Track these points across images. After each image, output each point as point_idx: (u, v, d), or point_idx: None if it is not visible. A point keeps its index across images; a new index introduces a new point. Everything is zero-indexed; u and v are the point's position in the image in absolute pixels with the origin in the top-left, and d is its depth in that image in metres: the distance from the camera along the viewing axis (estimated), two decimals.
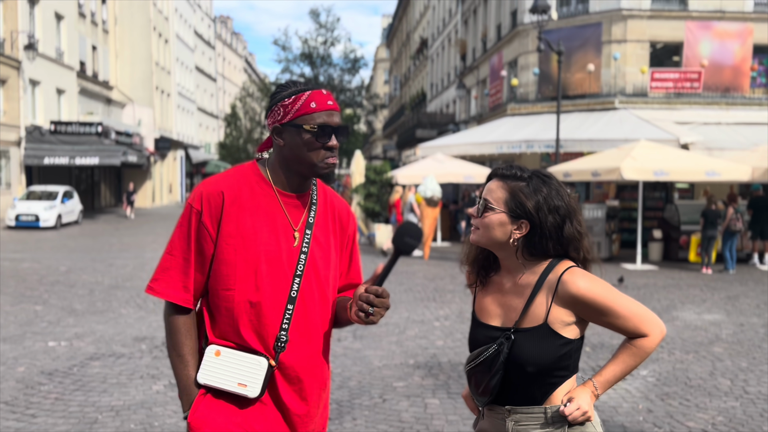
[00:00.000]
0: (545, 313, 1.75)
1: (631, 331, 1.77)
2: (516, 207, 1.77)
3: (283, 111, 1.88)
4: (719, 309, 8.87)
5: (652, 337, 1.77)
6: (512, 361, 1.76)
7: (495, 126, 20.70)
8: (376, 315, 1.76)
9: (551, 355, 1.74)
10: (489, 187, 1.84)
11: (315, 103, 1.85)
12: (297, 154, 1.87)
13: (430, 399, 4.97)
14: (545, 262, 1.80)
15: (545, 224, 1.76)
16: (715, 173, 12.84)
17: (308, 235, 1.91)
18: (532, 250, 1.79)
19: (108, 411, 4.60)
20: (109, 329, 7.14)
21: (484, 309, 1.89)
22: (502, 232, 1.79)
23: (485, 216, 1.80)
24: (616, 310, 1.74)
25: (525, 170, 1.83)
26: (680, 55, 20.14)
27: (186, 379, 1.87)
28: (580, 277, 1.75)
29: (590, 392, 1.76)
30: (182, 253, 1.87)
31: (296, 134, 1.85)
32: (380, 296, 1.76)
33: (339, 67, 35.13)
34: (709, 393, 5.23)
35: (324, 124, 1.85)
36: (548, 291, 1.77)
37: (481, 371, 1.80)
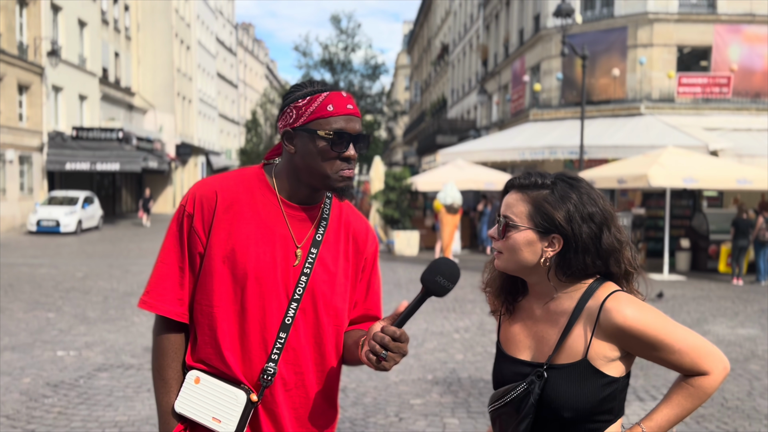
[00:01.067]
0: (585, 347, 1.46)
1: (687, 368, 1.48)
2: (543, 220, 1.48)
3: (295, 113, 1.61)
4: (753, 323, 8.47)
5: (714, 376, 1.47)
6: (545, 403, 1.47)
7: (517, 132, 20.37)
8: (390, 361, 1.47)
9: (592, 397, 1.45)
10: (507, 202, 1.54)
11: (332, 106, 1.59)
12: (308, 163, 1.61)
13: (449, 418, 4.70)
14: (583, 285, 1.51)
15: (580, 236, 1.46)
16: (747, 181, 12.40)
17: (313, 254, 1.65)
18: (567, 270, 1.49)
19: (111, 427, 4.41)
20: (120, 338, 6.97)
21: (511, 340, 1.60)
22: (531, 253, 1.49)
23: (508, 236, 1.51)
24: (670, 344, 1.45)
25: (546, 176, 1.54)
26: (709, 59, 19.65)
27: (165, 407, 1.65)
28: (626, 305, 1.45)
29: None
30: (176, 261, 1.64)
31: (309, 140, 1.59)
32: (397, 340, 1.47)
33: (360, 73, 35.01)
34: (748, 415, 4.89)
35: (341, 131, 1.58)
36: (588, 321, 1.47)
37: (507, 413, 1.52)
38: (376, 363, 1.48)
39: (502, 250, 1.53)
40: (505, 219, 1.52)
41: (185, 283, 1.65)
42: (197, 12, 44.26)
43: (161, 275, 1.65)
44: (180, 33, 39.85)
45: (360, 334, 1.71)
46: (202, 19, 46.28)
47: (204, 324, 1.63)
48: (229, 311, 1.61)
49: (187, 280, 1.65)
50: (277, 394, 1.62)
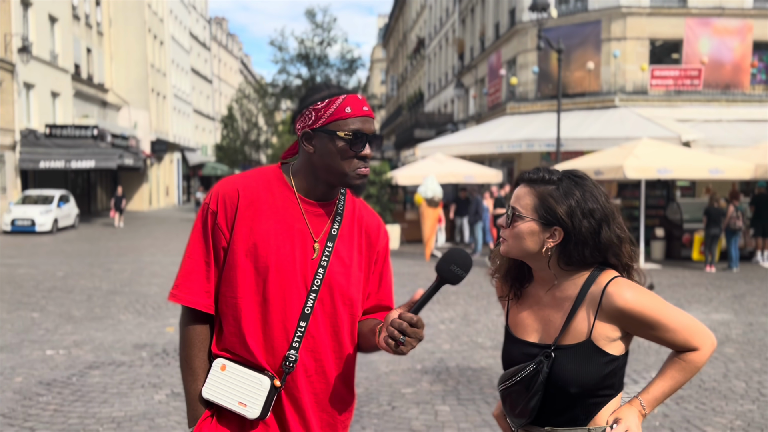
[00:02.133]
0: (588, 328, 1.61)
1: (680, 345, 1.63)
2: (546, 213, 1.62)
3: (315, 115, 1.72)
4: (726, 308, 8.76)
5: (703, 351, 1.63)
6: (553, 381, 1.61)
7: (494, 125, 20.59)
8: (407, 345, 1.59)
9: (596, 373, 1.60)
10: (516, 194, 1.69)
11: (350, 108, 1.70)
12: (328, 163, 1.72)
13: (440, 406, 4.84)
14: (585, 273, 1.66)
15: (580, 230, 1.60)
16: (719, 171, 12.75)
17: (329, 248, 1.76)
18: (567, 259, 1.64)
19: (109, 423, 4.46)
20: (109, 336, 6.99)
21: (519, 323, 1.74)
22: (533, 242, 1.64)
23: (514, 225, 1.66)
24: (665, 324, 1.60)
25: (555, 172, 1.68)
26: (680, 52, 20.07)
27: (193, 394, 1.75)
28: (626, 289, 1.60)
29: (638, 411, 1.62)
30: (202, 256, 1.75)
31: (328, 141, 1.70)
32: (414, 325, 1.58)
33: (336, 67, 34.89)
34: (724, 396, 5.11)
35: (359, 131, 1.70)
36: (591, 305, 1.62)
37: (517, 391, 1.66)
38: (394, 348, 1.59)
39: (507, 237, 1.68)
40: (512, 209, 1.66)
41: (211, 276, 1.75)
42: (170, 7, 43.73)
43: (189, 270, 1.75)
44: (153, 28, 39.35)
45: (374, 323, 1.81)
46: (176, 13, 45.73)
47: (229, 314, 1.73)
48: (252, 302, 1.71)
49: (213, 274, 1.75)
50: (299, 380, 1.72)
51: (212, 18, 61.72)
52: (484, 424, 4.47)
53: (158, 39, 40.86)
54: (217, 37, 62.30)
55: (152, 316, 8.05)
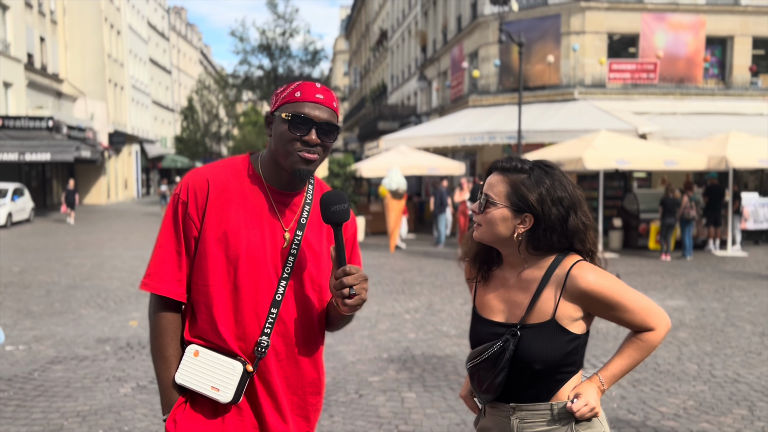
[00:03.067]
0: (553, 308, 1.70)
1: (637, 325, 1.74)
2: (518, 200, 1.71)
3: (274, 100, 1.80)
4: (681, 295, 9.09)
5: (658, 331, 1.74)
6: (518, 358, 1.70)
7: (457, 118, 20.77)
8: (360, 291, 1.69)
9: (559, 351, 1.69)
10: (489, 182, 1.78)
11: (300, 92, 1.75)
12: (277, 145, 1.77)
13: (406, 393, 4.93)
14: (551, 257, 1.75)
15: (549, 217, 1.69)
16: (673, 162, 13.15)
17: (298, 236, 1.81)
18: (536, 244, 1.73)
19: (74, 417, 4.42)
20: (70, 331, 6.87)
21: (486, 304, 1.83)
22: (505, 228, 1.73)
23: (487, 212, 1.74)
24: (624, 304, 1.71)
25: (526, 162, 1.77)
26: (637, 46, 20.55)
27: (167, 381, 1.79)
28: (589, 272, 1.70)
29: (597, 387, 1.72)
30: (173, 246, 1.78)
31: (279, 124, 1.76)
32: (349, 273, 1.68)
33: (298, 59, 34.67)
34: (678, 378, 5.32)
35: (301, 114, 1.72)
36: (556, 286, 1.71)
37: (485, 368, 1.74)
38: (351, 302, 1.68)
39: (481, 222, 1.76)
40: (486, 197, 1.75)
41: (182, 265, 1.78)
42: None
43: (161, 259, 1.78)
44: (109, 17, 38.36)
45: None
46: (133, 2, 44.66)
47: (201, 302, 1.77)
48: (224, 289, 1.75)
49: (184, 263, 1.78)
50: (271, 364, 1.77)
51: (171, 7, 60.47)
52: (450, 410, 4.58)
53: (115, 28, 39.87)
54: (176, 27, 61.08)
55: (114, 311, 7.95)
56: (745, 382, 5.20)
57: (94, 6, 36.33)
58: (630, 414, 4.52)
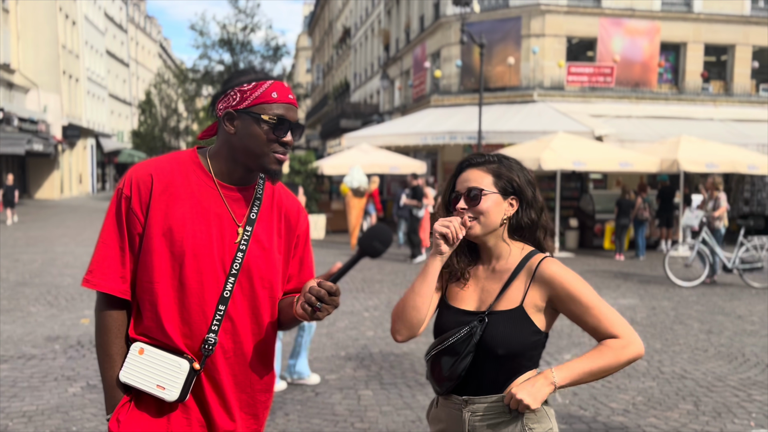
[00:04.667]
0: (522, 295, 1.76)
1: (602, 331, 1.74)
2: (506, 185, 1.80)
3: (240, 96, 1.74)
4: (633, 294, 9.33)
5: (623, 341, 1.71)
6: (483, 342, 1.74)
7: (419, 117, 20.87)
8: (323, 312, 1.66)
9: (523, 339, 1.74)
10: (468, 177, 1.81)
11: (276, 93, 1.73)
12: (247, 145, 1.74)
13: (363, 390, 4.93)
14: (524, 251, 1.82)
15: (527, 196, 1.81)
16: (628, 164, 13.48)
17: (248, 232, 1.78)
18: (517, 226, 1.83)
19: (19, 417, 4.28)
20: (18, 329, 6.66)
21: (456, 295, 1.86)
22: (497, 215, 1.80)
23: (482, 203, 1.78)
24: (587, 302, 1.73)
25: (490, 154, 1.87)
26: (594, 50, 20.98)
27: (111, 380, 1.75)
28: (557, 264, 1.78)
29: (545, 380, 1.70)
30: (116, 241, 1.74)
31: (252, 123, 1.72)
32: (333, 294, 1.65)
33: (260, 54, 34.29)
34: (628, 374, 5.46)
35: (283, 117, 1.73)
36: (527, 274, 1.78)
37: (448, 354, 1.76)
38: (311, 314, 1.65)
39: (477, 216, 1.79)
40: (476, 189, 1.79)
41: (126, 261, 1.74)
42: None
43: (103, 255, 1.74)
44: (64, 7, 37.27)
45: (293, 298, 1.86)
46: None
47: (145, 299, 1.73)
48: (168, 286, 1.72)
49: (128, 259, 1.74)
50: (218, 362, 1.75)
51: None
52: (405, 407, 4.60)
53: (70, 18, 38.76)
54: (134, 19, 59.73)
55: (65, 308, 7.73)
56: (691, 378, 5.37)
57: None
58: (581, 410, 4.62)
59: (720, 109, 20.35)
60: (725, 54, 21.92)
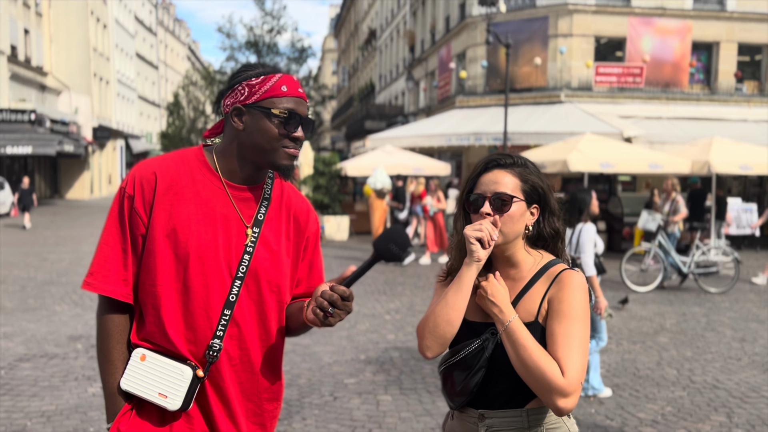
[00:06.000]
0: (538, 307, 1.63)
1: (555, 353, 1.56)
2: (531, 192, 1.67)
3: (248, 90, 1.66)
4: (662, 299, 9.08)
5: (566, 381, 1.51)
6: (497, 358, 1.62)
7: (444, 118, 20.73)
8: (336, 317, 1.57)
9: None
10: (495, 179, 1.66)
11: (286, 87, 1.66)
12: (257, 141, 1.66)
13: (382, 396, 4.84)
14: (544, 259, 1.70)
15: (550, 204, 1.69)
16: (658, 166, 13.18)
17: (255, 233, 1.70)
18: (538, 236, 1.71)
19: (38, 417, 4.29)
20: (42, 328, 6.72)
21: (470, 304, 1.72)
22: (522, 224, 1.67)
23: (509, 209, 1.65)
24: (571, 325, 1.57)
25: (515, 156, 1.74)
26: (623, 50, 20.62)
27: (111, 387, 1.67)
28: (578, 278, 1.64)
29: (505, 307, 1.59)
30: (119, 242, 1.66)
31: (261, 118, 1.64)
32: (346, 299, 1.57)
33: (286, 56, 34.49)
34: (657, 383, 5.28)
35: (294, 111, 1.65)
36: (544, 284, 1.65)
37: (460, 369, 1.66)
38: (322, 319, 1.56)
39: (502, 224, 1.64)
40: (505, 194, 1.64)
41: (128, 263, 1.67)
42: None
43: (104, 257, 1.66)
44: (96, 10, 37.94)
45: (302, 303, 1.77)
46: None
47: (148, 303, 1.66)
48: (172, 290, 1.64)
49: (131, 261, 1.67)
50: (223, 369, 1.67)
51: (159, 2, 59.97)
52: (425, 413, 4.50)
53: (101, 22, 39.44)
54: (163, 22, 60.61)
55: (90, 307, 7.79)
56: (724, 388, 5.17)
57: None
58: (607, 419, 4.47)
59: (754, 109, 19.82)
60: (759, 53, 21.37)
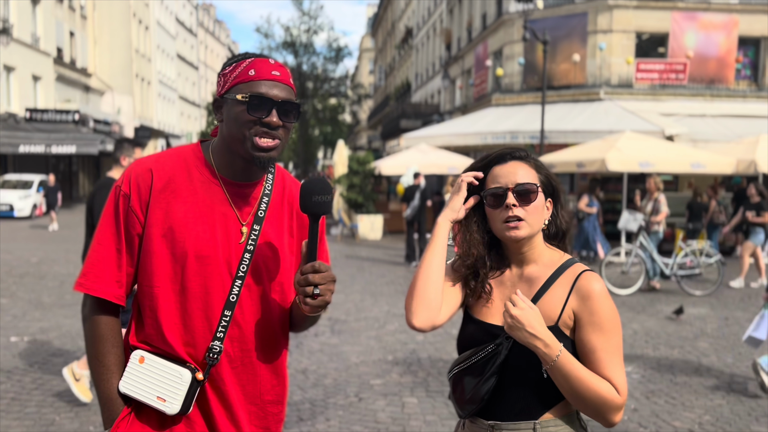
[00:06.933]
0: (560, 310, 1.53)
1: (602, 372, 1.49)
2: (548, 185, 1.62)
3: (222, 81, 1.61)
4: (704, 302, 8.77)
5: (619, 397, 1.48)
6: (511, 364, 1.52)
7: (480, 116, 20.51)
8: (324, 292, 1.52)
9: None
10: (514, 170, 1.59)
11: (254, 70, 1.57)
12: (231, 131, 1.59)
13: (407, 398, 4.77)
14: (560, 258, 1.61)
15: (560, 198, 1.64)
16: (700, 165, 12.76)
17: (256, 231, 1.63)
18: (552, 230, 1.64)
19: (67, 412, 4.34)
20: (77, 324, 6.84)
21: (479, 305, 1.64)
22: (544, 215, 1.61)
23: (533, 201, 1.58)
24: (609, 336, 1.50)
25: (522, 149, 1.67)
26: (666, 46, 20.05)
27: (108, 393, 1.61)
28: (599, 281, 1.55)
29: (548, 340, 1.45)
30: (113, 242, 1.61)
31: (231, 106, 1.57)
32: (318, 270, 1.52)
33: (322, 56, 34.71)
34: (695, 391, 5.08)
35: (260, 95, 1.55)
36: (566, 285, 1.54)
37: (472, 374, 1.56)
38: (314, 302, 1.52)
39: (525, 217, 1.56)
40: (532, 185, 1.58)
41: (123, 264, 1.62)
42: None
43: (98, 257, 1.62)
44: (138, 12, 38.81)
45: None
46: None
47: (146, 305, 1.61)
48: (169, 290, 1.59)
49: (125, 262, 1.62)
50: (224, 371, 1.62)
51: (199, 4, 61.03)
52: (451, 417, 4.41)
53: (143, 24, 40.32)
54: (204, 23, 61.64)
55: None
56: (766, 398, 4.93)
57: (123, 1, 36.76)
58: (641, 427, 4.30)
59: None
60: None
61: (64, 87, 30.66)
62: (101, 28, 36.31)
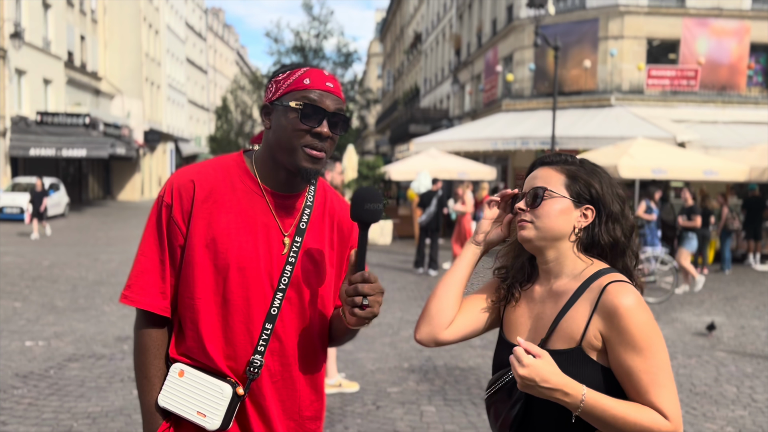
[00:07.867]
0: (583, 330, 1.43)
1: (645, 397, 1.37)
2: (581, 190, 1.51)
3: (274, 87, 1.59)
4: (719, 311, 8.69)
5: (670, 423, 1.36)
6: None
7: (489, 122, 20.47)
8: (373, 304, 1.48)
9: (590, 383, 1.40)
10: (538, 175, 1.55)
11: (309, 79, 1.55)
12: (279, 138, 1.56)
13: (425, 406, 4.73)
14: (591, 269, 1.50)
15: (612, 209, 1.51)
16: (713, 172, 12.68)
17: (297, 243, 1.61)
18: (591, 242, 1.52)
19: (84, 418, 4.33)
20: (91, 328, 6.84)
21: (513, 324, 1.58)
22: (564, 222, 1.50)
23: (542, 205, 1.51)
24: (648, 355, 1.37)
25: (569, 155, 1.59)
26: (677, 52, 19.97)
27: (149, 405, 1.60)
28: (629, 293, 1.41)
29: (569, 388, 1.34)
30: (156, 253, 1.59)
31: (282, 113, 1.55)
32: (367, 280, 1.48)
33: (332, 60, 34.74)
34: (715, 401, 5.02)
35: (314, 104, 1.53)
36: (590, 300, 1.44)
37: (500, 399, 1.50)
38: (362, 313, 1.48)
39: (533, 220, 1.52)
40: (540, 189, 1.52)
41: (167, 275, 1.60)
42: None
43: (142, 269, 1.60)
44: (148, 17, 39.01)
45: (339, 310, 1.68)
46: (171, 2, 45.35)
47: (187, 317, 1.59)
48: (211, 303, 1.57)
49: (168, 273, 1.60)
50: (264, 386, 1.59)
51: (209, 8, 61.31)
52: (470, 426, 4.37)
53: (153, 28, 40.52)
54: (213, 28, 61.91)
55: None
56: None
57: (133, 6, 36.96)
58: None
59: None
60: None
61: (75, 90, 30.82)
62: (111, 32, 36.51)
